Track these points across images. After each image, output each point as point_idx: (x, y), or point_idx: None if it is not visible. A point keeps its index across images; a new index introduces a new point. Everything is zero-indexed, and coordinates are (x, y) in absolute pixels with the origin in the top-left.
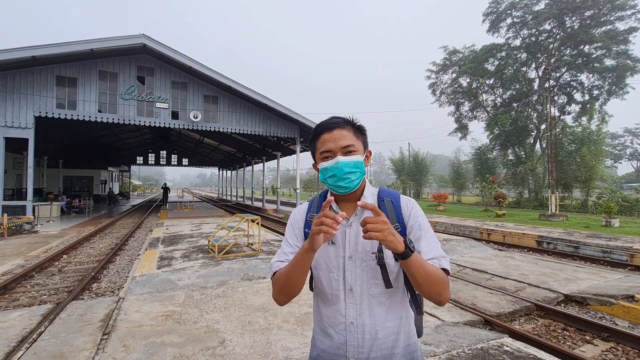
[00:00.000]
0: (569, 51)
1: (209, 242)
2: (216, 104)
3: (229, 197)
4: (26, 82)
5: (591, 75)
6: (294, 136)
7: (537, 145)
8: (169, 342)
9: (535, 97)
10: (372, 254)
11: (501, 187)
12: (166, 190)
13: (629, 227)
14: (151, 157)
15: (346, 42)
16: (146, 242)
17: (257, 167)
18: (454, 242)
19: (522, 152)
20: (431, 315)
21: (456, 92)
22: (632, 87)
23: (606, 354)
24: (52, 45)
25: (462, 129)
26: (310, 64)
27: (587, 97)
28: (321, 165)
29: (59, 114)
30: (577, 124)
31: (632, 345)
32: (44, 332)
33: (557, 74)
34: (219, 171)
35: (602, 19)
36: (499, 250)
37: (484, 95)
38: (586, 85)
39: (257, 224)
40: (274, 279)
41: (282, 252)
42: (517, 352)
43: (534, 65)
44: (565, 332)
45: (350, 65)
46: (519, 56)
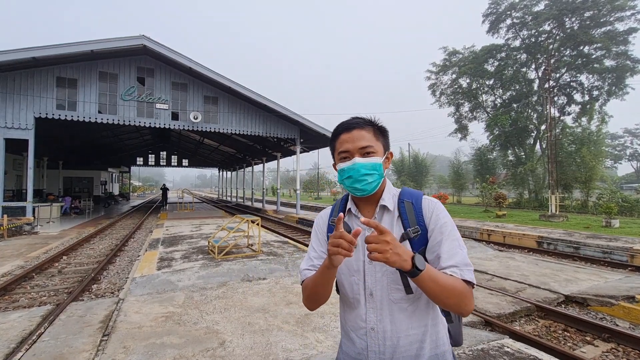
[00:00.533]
0: (568, 52)
1: (208, 243)
2: (216, 105)
3: (229, 198)
4: (26, 83)
5: (591, 75)
6: (294, 137)
7: (537, 145)
8: (169, 343)
9: (535, 98)
10: None
11: (501, 187)
12: (165, 191)
13: (629, 227)
14: (151, 158)
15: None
16: (146, 243)
17: (257, 168)
18: None
19: (522, 153)
20: None
21: (456, 93)
22: (631, 87)
23: (607, 354)
24: (52, 46)
25: (462, 130)
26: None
27: (586, 97)
28: (339, 166)
29: (59, 115)
30: (577, 124)
31: (633, 346)
32: (43, 333)
33: (557, 75)
34: (219, 172)
35: (601, 20)
36: (499, 250)
37: (483, 95)
38: (586, 85)
39: (257, 224)
40: (303, 286)
41: (309, 257)
42: (517, 353)
43: (533, 65)
44: (565, 332)
45: (348, 67)
46: (518, 57)
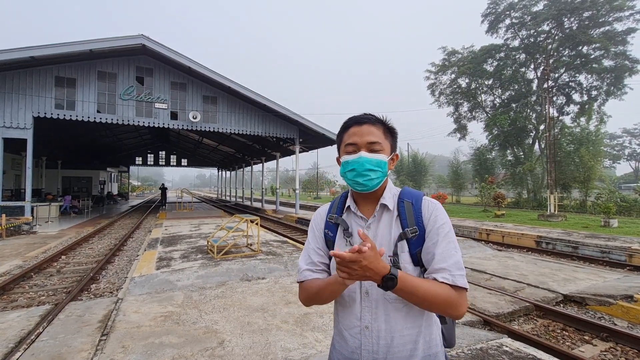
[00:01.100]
0: (567, 52)
1: (208, 242)
2: (215, 105)
3: (228, 198)
4: (25, 83)
5: (590, 75)
6: (293, 137)
7: (536, 145)
8: (167, 342)
9: (534, 98)
10: (389, 257)
11: (500, 187)
12: (164, 190)
13: (628, 227)
14: (150, 158)
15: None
16: (145, 243)
17: (257, 167)
18: None
19: (521, 153)
20: None
21: (455, 93)
22: (630, 87)
23: (605, 354)
24: (51, 45)
25: (461, 130)
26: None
27: (585, 97)
28: (344, 158)
29: (58, 115)
30: (575, 124)
31: (631, 345)
32: (42, 333)
33: (556, 75)
34: (218, 172)
35: (600, 20)
36: (498, 250)
37: (482, 95)
38: (585, 85)
39: (256, 224)
40: (302, 285)
41: (307, 255)
42: (516, 352)
43: (532, 65)
44: (564, 332)
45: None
46: (517, 57)
